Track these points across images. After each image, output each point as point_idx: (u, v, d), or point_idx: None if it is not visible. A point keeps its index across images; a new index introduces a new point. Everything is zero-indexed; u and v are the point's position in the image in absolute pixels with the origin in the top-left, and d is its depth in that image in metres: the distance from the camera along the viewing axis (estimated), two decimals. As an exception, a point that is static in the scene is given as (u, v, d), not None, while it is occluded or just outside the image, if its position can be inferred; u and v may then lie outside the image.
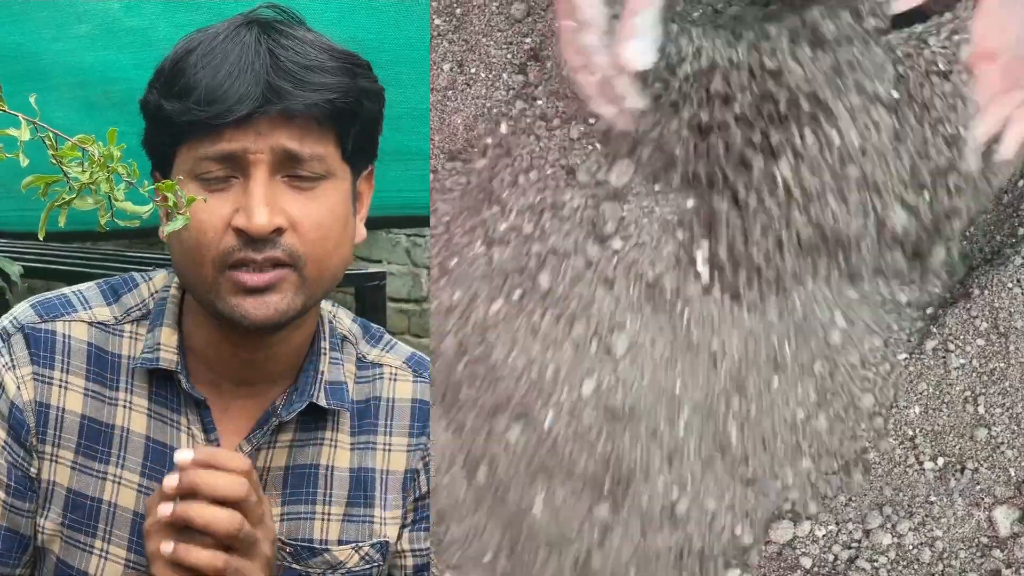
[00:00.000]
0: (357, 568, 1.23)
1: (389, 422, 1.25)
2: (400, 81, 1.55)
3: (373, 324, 1.32)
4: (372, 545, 1.24)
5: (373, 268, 2.96)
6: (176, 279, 1.21)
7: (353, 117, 1.12)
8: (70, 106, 1.92)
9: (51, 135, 0.83)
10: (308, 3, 1.67)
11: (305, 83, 1.08)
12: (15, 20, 1.91)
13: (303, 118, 1.08)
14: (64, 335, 1.19)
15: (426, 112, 1.46)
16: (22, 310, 1.20)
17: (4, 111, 0.82)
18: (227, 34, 1.09)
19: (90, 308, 1.21)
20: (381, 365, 1.27)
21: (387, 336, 1.31)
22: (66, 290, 1.23)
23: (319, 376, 1.21)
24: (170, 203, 0.85)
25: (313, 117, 1.09)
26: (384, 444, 1.25)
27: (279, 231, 1.08)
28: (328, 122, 1.10)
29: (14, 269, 2.03)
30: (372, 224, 1.23)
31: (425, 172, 1.40)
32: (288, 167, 1.09)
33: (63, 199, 0.82)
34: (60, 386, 1.18)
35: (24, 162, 0.80)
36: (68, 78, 1.90)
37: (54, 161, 0.83)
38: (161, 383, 1.19)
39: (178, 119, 1.07)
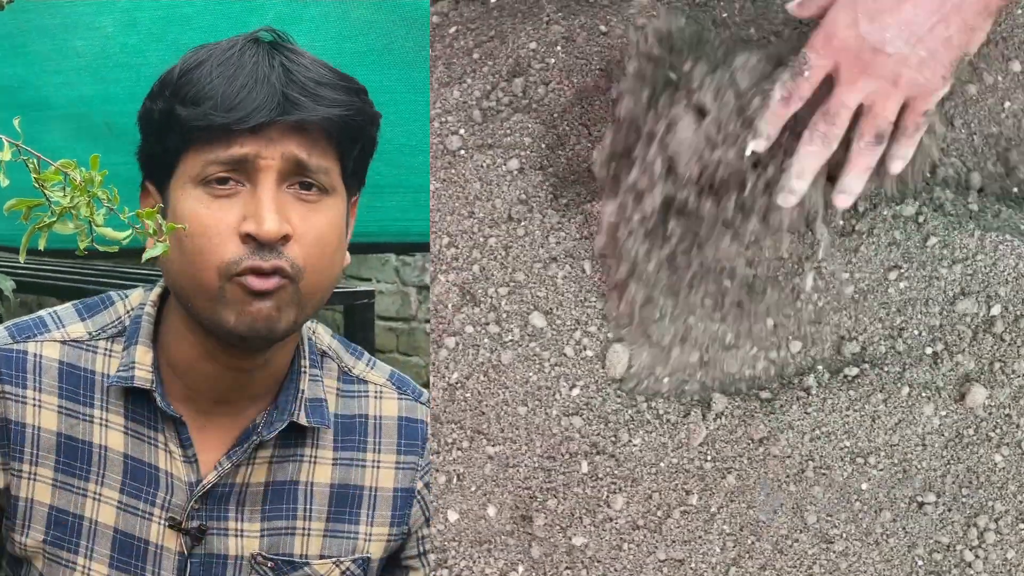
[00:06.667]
0: None
1: (377, 440, 1.25)
2: (400, 112, 1.55)
3: (352, 343, 1.32)
4: (354, 560, 1.23)
5: (362, 287, 2.95)
6: (152, 297, 1.21)
7: (358, 136, 1.14)
8: (70, 135, 1.92)
9: (35, 159, 0.82)
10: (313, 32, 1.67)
11: (319, 97, 1.09)
12: (16, 53, 1.92)
13: (314, 129, 1.09)
14: (36, 355, 1.18)
15: (426, 145, 1.45)
16: None
17: (-14, 134, 0.81)
18: (238, 49, 1.11)
19: (63, 327, 1.20)
20: (366, 382, 1.27)
21: (367, 354, 1.32)
22: (42, 312, 1.23)
23: (300, 394, 1.20)
24: (150, 230, 0.83)
25: (323, 129, 1.10)
26: (373, 461, 1.25)
27: (286, 239, 1.08)
28: (335, 137, 1.11)
29: (7, 284, 2.02)
30: (371, 250, 1.22)
31: (426, 201, 1.40)
32: (295, 176, 1.10)
33: (44, 222, 0.82)
34: (34, 405, 1.17)
35: (4, 183, 0.79)
36: (68, 108, 1.90)
37: (37, 185, 0.83)
38: (137, 401, 1.18)
39: (192, 123, 1.07)
